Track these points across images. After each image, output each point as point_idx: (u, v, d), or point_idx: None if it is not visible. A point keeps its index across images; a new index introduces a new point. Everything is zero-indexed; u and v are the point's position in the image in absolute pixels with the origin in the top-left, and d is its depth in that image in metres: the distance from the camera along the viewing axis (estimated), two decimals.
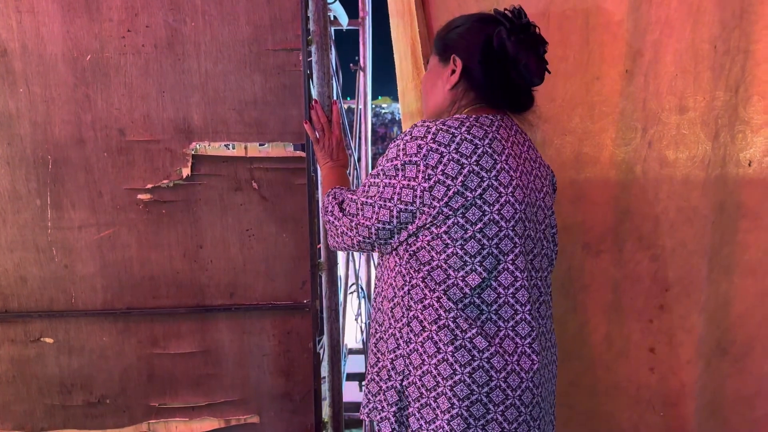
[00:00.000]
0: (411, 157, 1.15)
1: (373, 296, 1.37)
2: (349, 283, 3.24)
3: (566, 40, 1.69)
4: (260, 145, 1.61)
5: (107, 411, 1.72)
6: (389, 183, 1.18)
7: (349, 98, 3.47)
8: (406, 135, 1.18)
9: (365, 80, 3.22)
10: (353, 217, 1.26)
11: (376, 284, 1.36)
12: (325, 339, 1.76)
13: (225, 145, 1.60)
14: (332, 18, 2.95)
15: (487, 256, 1.17)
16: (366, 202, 1.23)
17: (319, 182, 1.61)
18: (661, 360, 1.85)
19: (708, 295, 1.77)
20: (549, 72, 1.26)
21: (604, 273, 1.83)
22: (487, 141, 1.17)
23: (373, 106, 3.74)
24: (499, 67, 1.21)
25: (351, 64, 3.30)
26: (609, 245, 1.81)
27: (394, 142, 1.20)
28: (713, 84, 1.64)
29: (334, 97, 1.64)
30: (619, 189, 1.77)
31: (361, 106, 3.27)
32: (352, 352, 3.61)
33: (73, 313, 1.65)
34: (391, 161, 1.18)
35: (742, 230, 1.72)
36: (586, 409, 1.92)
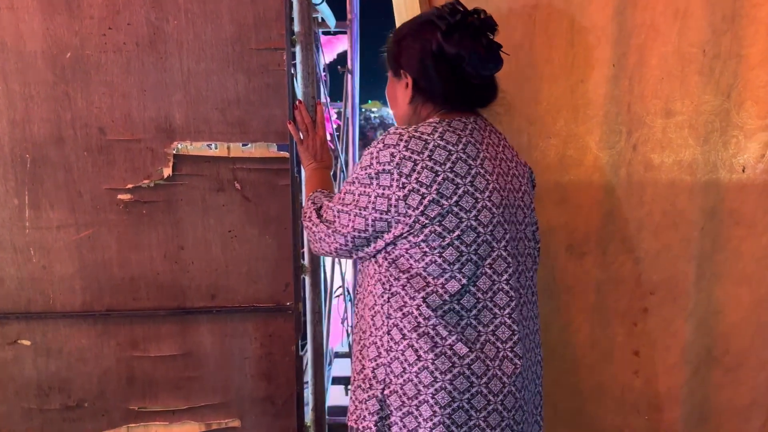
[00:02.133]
0: (384, 165, 1.14)
1: (354, 302, 1.36)
2: (336, 285, 3.21)
3: (551, 42, 1.68)
4: (243, 145, 1.59)
5: (85, 415, 1.69)
6: (364, 191, 1.17)
7: (338, 101, 3.41)
8: (378, 143, 1.17)
9: (353, 82, 3.20)
10: (330, 224, 1.25)
11: (357, 291, 1.34)
12: (308, 342, 1.74)
13: (207, 145, 1.58)
14: (320, 20, 2.89)
15: (466, 262, 1.16)
16: (342, 209, 1.22)
17: (303, 183, 1.59)
18: (646, 363, 1.84)
19: (697, 301, 1.75)
20: (507, 54, 1.23)
21: (587, 275, 1.82)
22: (461, 146, 1.16)
23: (363, 110, 3.68)
24: (448, 69, 1.19)
25: (339, 67, 3.26)
26: (592, 247, 1.80)
27: (368, 149, 1.19)
28: (701, 88, 1.63)
29: (320, 98, 1.63)
30: (602, 192, 1.76)
31: (348, 109, 3.24)
32: (338, 355, 3.56)
33: (51, 315, 1.62)
34: (365, 169, 1.17)
35: (735, 237, 1.69)
36: (570, 409, 1.90)
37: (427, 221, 1.13)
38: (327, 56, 3.58)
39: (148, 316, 1.64)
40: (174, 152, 1.57)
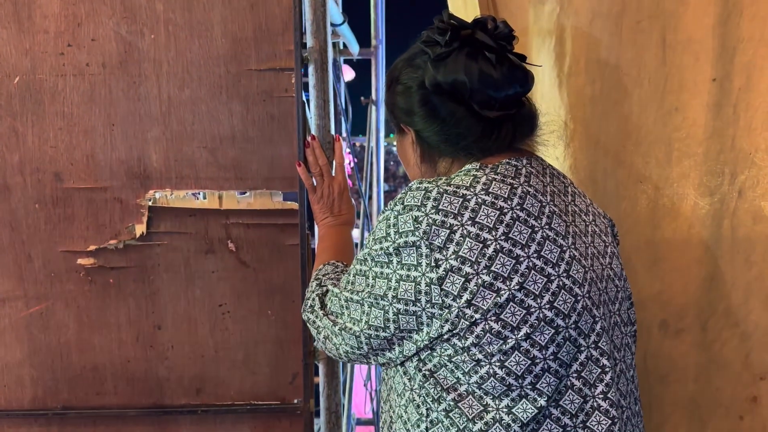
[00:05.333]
0: (407, 236, 0.88)
1: (380, 424, 1.06)
2: None
3: (640, 59, 1.47)
4: (239, 193, 1.42)
5: None
6: (380, 273, 0.92)
7: (361, 135, 3.44)
8: (396, 204, 0.91)
9: (378, 114, 3.15)
10: (337, 317, 0.99)
11: (381, 408, 1.05)
12: None
13: (193, 194, 1.41)
14: (342, 46, 2.87)
15: (541, 374, 0.88)
16: (351, 298, 0.96)
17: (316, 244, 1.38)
18: None
19: None
20: (538, 65, 1.06)
21: (684, 358, 1.58)
22: (516, 200, 0.90)
23: (386, 144, 3.80)
24: (455, 107, 0.94)
25: (362, 98, 3.22)
26: (690, 322, 1.56)
27: (383, 212, 0.94)
28: None
29: (343, 133, 1.36)
30: (702, 250, 1.52)
31: (372, 143, 3.19)
32: (361, 423, 3.32)
33: None
34: (380, 243, 0.91)
35: None
36: None
37: (477, 315, 0.85)
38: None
39: (116, 416, 1.45)
40: (149, 204, 1.40)
